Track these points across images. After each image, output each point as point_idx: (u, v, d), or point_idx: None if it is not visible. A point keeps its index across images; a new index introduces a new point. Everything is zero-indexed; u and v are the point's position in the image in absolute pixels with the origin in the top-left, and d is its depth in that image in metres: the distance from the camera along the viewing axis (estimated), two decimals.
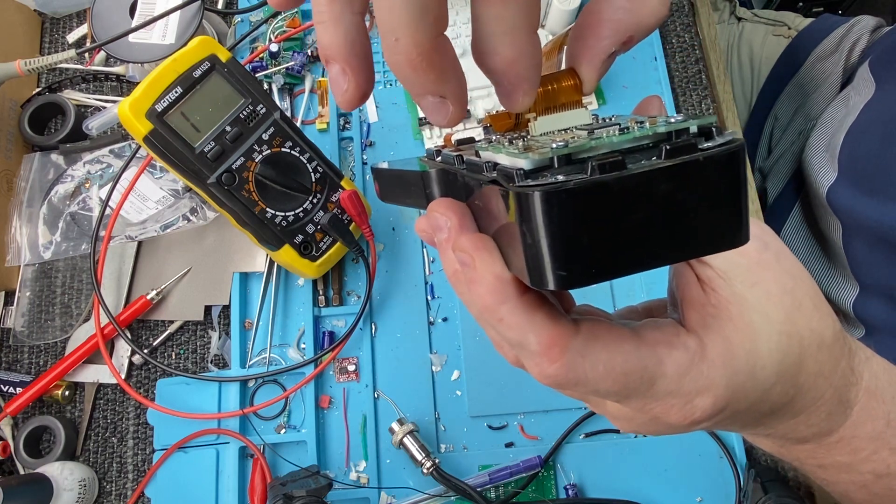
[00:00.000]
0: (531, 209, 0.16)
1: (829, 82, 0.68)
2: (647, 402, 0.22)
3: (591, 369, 0.20)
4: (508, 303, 0.20)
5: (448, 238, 0.22)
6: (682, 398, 0.21)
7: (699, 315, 0.22)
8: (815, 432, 0.26)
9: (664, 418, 0.22)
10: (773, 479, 0.45)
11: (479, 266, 0.20)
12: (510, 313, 0.20)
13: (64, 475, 0.48)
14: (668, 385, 0.21)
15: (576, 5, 0.52)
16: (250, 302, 0.53)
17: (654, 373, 0.21)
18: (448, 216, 0.22)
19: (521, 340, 0.20)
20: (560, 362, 0.20)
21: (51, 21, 0.64)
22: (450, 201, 0.22)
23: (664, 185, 0.16)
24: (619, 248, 0.17)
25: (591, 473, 0.48)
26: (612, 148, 0.17)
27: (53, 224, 0.55)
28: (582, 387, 0.21)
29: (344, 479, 0.48)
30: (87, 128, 0.56)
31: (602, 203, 0.16)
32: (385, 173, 0.29)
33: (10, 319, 0.54)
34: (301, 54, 0.56)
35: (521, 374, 0.52)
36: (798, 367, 0.23)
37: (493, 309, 0.20)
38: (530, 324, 0.20)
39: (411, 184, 0.26)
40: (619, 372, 0.20)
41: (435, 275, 0.53)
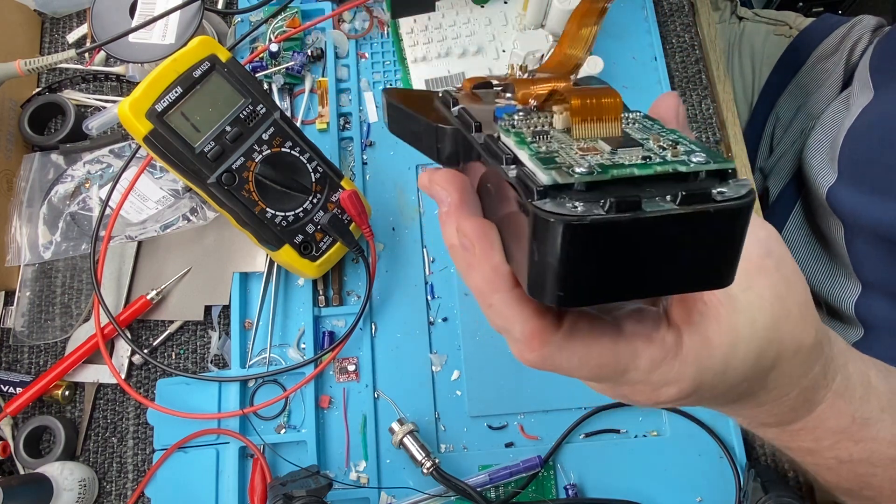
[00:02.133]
0: (546, 233, 0.17)
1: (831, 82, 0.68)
2: (617, 387, 0.24)
3: (567, 361, 0.22)
4: (500, 293, 0.21)
5: (448, 213, 0.23)
6: (649, 386, 0.23)
7: (685, 312, 0.23)
8: (777, 420, 0.28)
9: (631, 397, 0.24)
10: (773, 479, 0.45)
11: (479, 253, 0.21)
12: (500, 302, 0.21)
13: (64, 475, 0.48)
14: (638, 375, 0.22)
15: (575, 5, 0.52)
16: (250, 302, 0.53)
17: (626, 365, 0.22)
18: (449, 191, 0.23)
19: (508, 327, 0.22)
20: (538, 352, 0.22)
21: (51, 21, 0.64)
22: (452, 175, 0.23)
23: (674, 229, 0.17)
24: (618, 279, 0.18)
25: (591, 473, 0.48)
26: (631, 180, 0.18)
27: (53, 224, 0.55)
28: (557, 371, 0.23)
29: (344, 479, 0.48)
30: (87, 128, 0.56)
31: (613, 239, 0.17)
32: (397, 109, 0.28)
33: (10, 319, 0.54)
34: (301, 54, 0.56)
35: (522, 374, 0.52)
36: (769, 370, 0.24)
37: (486, 295, 0.22)
38: (518, 315, 0.21)
39: (422, 132, 0.26)
40: (593, 364, 0.22)
41: (435, 275, 0.53)
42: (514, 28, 0.58)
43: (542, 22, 0.57)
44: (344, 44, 0.58)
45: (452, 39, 0.57)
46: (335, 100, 0.57)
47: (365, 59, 0.59)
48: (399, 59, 0.58)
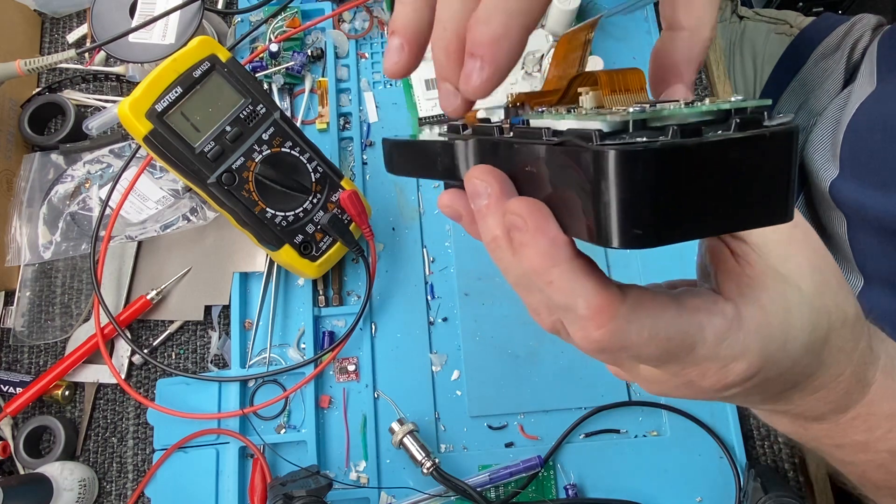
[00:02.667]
0: (615, 168, 0.17)
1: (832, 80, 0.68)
2: (685, 367, 0.22)
3: (637, 335, 0.21)
4: (561, 265, 0.20)
5: (489, 204, 0.22)
6: (718, 363, 0.22)
7: (735, 285, 0.23)
8: (832, 409, 0.27)
9: (698, 382, 0.23)
10: (773, 479, 0.45)
11: (532, 228, 0.20)
12: (561, 276, 0.20)
13: (64, 475, 0.48)
14: (706, 350, 0.22)
15: (576, 5, 0.52)
16: (250, 302, 0.53)
17: (694, 338, 0.21)
18: (489, 182, 0.22)
19: (570, 304, 0.21)
20: (607, 328, 0.20)
21: (51, 21, 0.64)
22: (490, 168, 0.22)
23: (735, 154, 0.17)
24: (688, 213, 0.18)
25: (591, 473, 0.48)
26: (682, 118, 0.18)
27: (53, 224, 0.55)
28: (624, 352, 0.21)
29: (344, 479, 0.48)
30: (87, 128, 0.56)
31: (681, 167, 0.17)
32: (400, 144, 0.28)
33: (10, 319, 0.54)
34: (301, 54, 0.56)
35: (522, 374, 0.51)
36: (823, 341, 0.23)
37: (544, 271, 0.21)
38: (581, 287, 0.20)
39: (435, 155, 0.26)
40: (662, 338, 0.21)
41: (435, 275, 0.53)
42: None
43: (542, 22, 0.57)
44: (344, 44, 0.58)
45: None
46: (335, 100, 0.57)
47: (365, 59, 0.59)
48: None
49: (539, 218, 0.20)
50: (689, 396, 0.24)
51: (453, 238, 0.53)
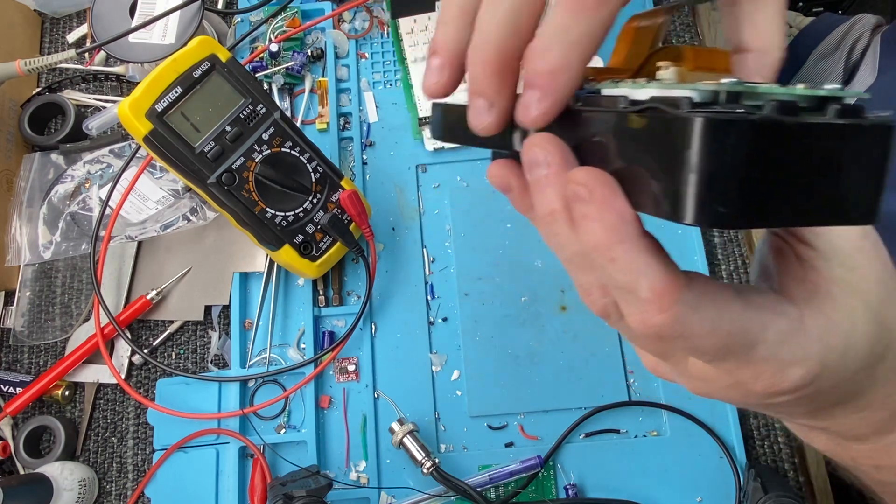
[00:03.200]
0: (707, 136, 0.16)
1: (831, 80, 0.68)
2: (740, 366, 0.21)
3: (699, 324, 0.20)
4: (627, 242, 0.19)
5: (549, 175, 0.21)
6: (775, 365, 0.21)
7: (801, 289, 0.22)
8: (875, 430, 0.26)
9: (750, 384, 0.22)
10: (773, 479, 0.45)
11: (599, 200, 0.19)
12: (626, 253, 0.19)
13: (64, 475, 0.48)
14: (766, 351, 0.21)
15: None
16: (250, 302, 0.53)
17: (756, 336, 0.20)
18: (550, 151, 0.21)
19: (632, 284, 0.19)
20: (670, 313, 0.19)
21: (51, 21, 0.64)
22: (552, 136, 0.21)
23: (832, 142, 0.16)
24: (775, 197, 0.17)
25: (591, 473, 0.48)
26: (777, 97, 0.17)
27: (53, 224, 0.55)
28: (682, 341, 0.20)
29: (344, 479, 0.48)
30: (87, 128, 0.56)
31: (776, 145, 0.16)
32: (453, 109, 0.28)
33: (10, 319, 0.54)
34: (301, 54, 0.56)
35: (522, 374, 0.51)
36: (881, 358, 0.23)
37: (607, 247, 0.19)
38: (646, 267, 0.19)
39: None
40: (724, 331, 0.20)
41: (435, 275, 0.53)
42: None
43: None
44: (344, 44, 0.58)
45: None
46: (335, 100, 0.57)
47: (365, 59, 0.59)
48: (399, 59, 0.58)
49: (607, 190, 0.19)
50: (736, 399, 0.23)
51: (453, 238, 0.53)
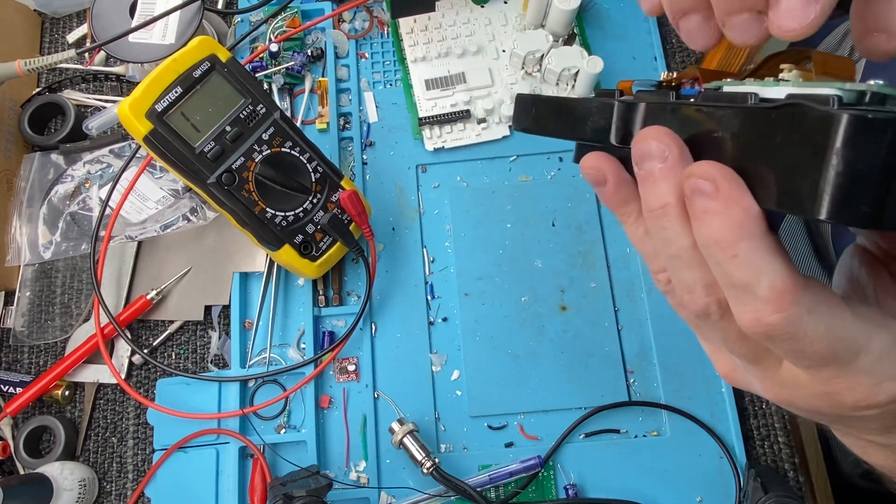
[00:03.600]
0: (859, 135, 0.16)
1: None
2: (838, 375, 0.21)
3: (813, 328, 0.19)
4: (751, 240, 0.19)
5: (665, 168, 0.21)
6: (873, 378, 0.21)
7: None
8: None
9: (842, 395, 0.22)
10: (773, 479, 0.45)
11: (725, 195, 0.19)
12: (750, 251, 0.19)
13: (64, 475, 0.48)
14: (868, 362, 0.21)
15: (576, 5, 0.52)
16: (250, 302, 0.53)
17: (861, 347, 0.20)
18: (668, 144, 0.21)
19: (751, 282, 0.19)
20: (786, 313, 0.19)
21: (51, 21, 0.64)
22: (669, 130, 0.21)
23: None
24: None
25: (591, 473, 0.48)
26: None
27: (53, 224, 0.55)
28: (790, 343, 0.20)
29: (344, 479, 0.48)
30: (87, 128, 0.56)
31: None
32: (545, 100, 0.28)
33: (10, 319, 0.54)
34: (301, 54, 0.56)
35: (522, 374, 0.51)
36: None
37: (730, 244, 0.19)
38: (768, 266, 0.19)
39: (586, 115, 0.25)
40: (834, 337, 0.20)
41: (435, 275, 0.53)
42: (514, 28, 0.58)
43: (542, 22, 0.57)
44: (344, 44, 0.58)
45: (452, 39, 0.57)
46: (335, 100, 0.57)
47: (365, 59, 0.59)
48: (399, 59, 0.58)
49: (733, 185, 0.19)
50: (820, 408, 0.23)
51: (453, 238, 0.53)
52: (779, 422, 0.49)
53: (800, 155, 0.17)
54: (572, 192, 0.54)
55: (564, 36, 0.57)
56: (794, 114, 0.18)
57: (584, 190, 0.54)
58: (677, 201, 0.21)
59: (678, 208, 0.21)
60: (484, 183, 0.55)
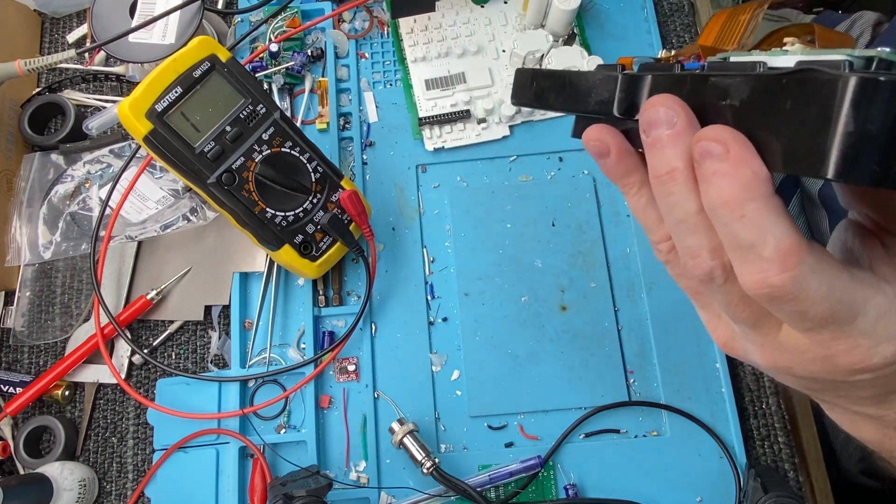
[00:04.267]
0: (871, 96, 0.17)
1: None
2: (836, 337, 0.22)
3: (816, 289, 0.20)
4: (759, 201, 0.20)
5: (673, 134, 0.21)
6: (870, 340, 0.21)
7: (892, 271, 0.22)
8: None
9: (840, 357, 0.22)
10: (773, 479, 0.45)
11: (735, 157, 0.20)
12: (757, 211, 0.20)
13: (64, 475, 0.48)
14: (865, 324, 0.21)
15: (576, 5, 0.52)
16: (250, 302, 0.53)
17: (859, 309, 0.21)
18: (677, 111, 0.21)
19: (757, 242, 0.20)
20: (790, 273, 0.20)
21: (51, 21, 0.64)
22: (676, 97, 0.22)
23: None
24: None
25: (591, 473, 0.48)
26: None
27: (53, 224, 0.55)
28: (793, 304, 0.20)
29: (344, 479, 0.48)
30: (87, 128, 0.56)
31: None
32: (547, 74, 0.28)
33: (10, 319, 0.54)
34: (301, 54, 0.56)
35: (522, 374, 0.51)
36: None
37: (738, 205, 0.20)
38: (775, 227, 0.20)
39: (589, 88, 0.26)
40: (835, 298, 0.20)
41: (435, 275, 0.53)
42: (514, 28, 0.58)
43: (542, 22, 0.57)
44: (344, 44, 0.58)
45: (452, 39, 0.57)
46: (335, 100, 0.57)
47: (365, 59, 0.59)
48: (399, 59, 0.58)
49: (743, 147, 0.20)
50: (816, 373, 0.23)
51: (453, 238, 0.53)
52: (779, 422, 0.49)
53: (810, 118, 0.18)
54: (572, 192, 0.54)
55: (564, 36, 0.57)
56: (805, 78, 0.18)
57: (584, 190, 0.54)
58: (685, 166, 0.21)
59: (685, 173, 0.21)
60: (484, 183, 0.55)
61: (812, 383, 0.25)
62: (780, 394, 0.49)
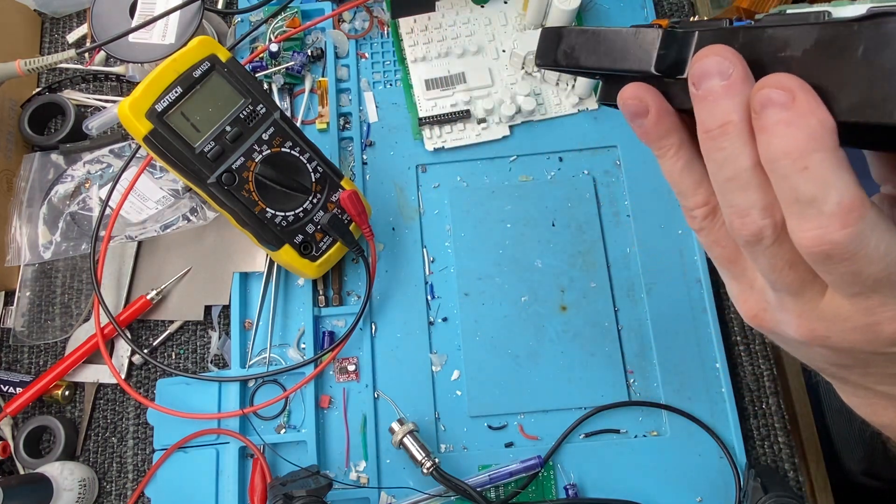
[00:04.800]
0: None
1: None
2: (885, 304, 0.21)
3: (875, 247, 0.19)
4: (824, 152, 0.19)
5: (729, 85, 0.21)
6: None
7: None
8: None
9: (882, 326, 0.21)
10: (773, 479, 0.45)
11: (803, 106, 0.19)
12: (822, 162, 0.19)
13: (64, 475, 0.48)
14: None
15: (576, 5, 0.52)
16: (250, 302, 0.53)
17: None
18: (733, 61, 0.21)
19: (820, 196, 0.19)
20: (852, 229, 0.19)
21: (51, 21, 0.64)
22: (731, 48, 0.21)
23: None
24: None
25: (591, 473, 0.48)
26: None
27: (53, 224, 0.55)
28: (849, 264, 0.20)
29: (344, 479, 0.48)
30: (87, 128, 0.56)
31: None
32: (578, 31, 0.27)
33: (10, 319, 0.54)
34: (301, 54, 0.56)
35: (522, 374, 0.51)
36: None
37: (802, 155, 0.19)
38: (839, 180, 0.19)
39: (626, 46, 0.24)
40: (892, 259, 0.20)
41: (435, 275, 0.53)
42: (514, 28, 0.58)
43: (542, 22, 0.57)
44: (344, 44, 0.58)
45: (452, 39, 0.57)
46: (335, 100, 0.57)
47: (365, 59, 0.59)
48: (399, 59, 0.58)
49: (810, 95, 0.19)
50: (856, 343, 0.23)
51: (453, 238, 0.53)
52: (779, 422, 0.49)
53: (884, 63, 0.18)
54: (572, 192, 0.54)
55: None
56: (879, 23, 0.18)
57: (584, 190, 0.54)
58: (740, 119, 0.21)
59: (740, 125, 0.21)
60: (484, 183, 0.55)
61: (844, 357, 0.24)
62: (780, 394, 0.49)
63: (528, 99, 0.55)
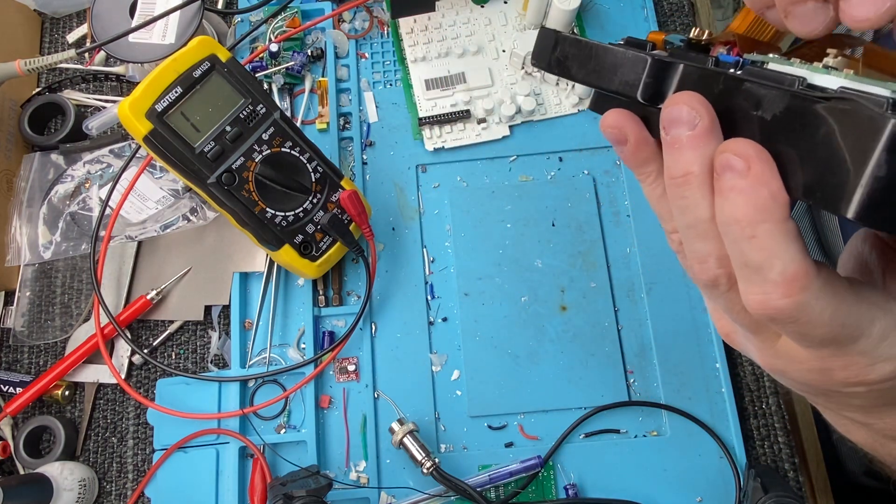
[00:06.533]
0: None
1: None
2: (836, 355, 0.21)
3: (819, 314, 0.20)
4: (771, 223, 0.19)
5: (693, 136, 0.21)
6: (869, 359, 0.21)
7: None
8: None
9: (836, 372, 0.22)
10: (773, 479, 0.45)
11: (755, 175, 0.19)
12: (768, 234, 0.19)
13: (64, 475, 0.48)
14: (867, 345, 0.21)
15: (576, 5, 0.52)
16: (250, 302, 0.53)
17: (862, 331, 0.21)
18: (700, 113, 0.21)
19: (765, 264, 0.20)
20: (794, 298, 0.19)
21: (51, 21, 0.64)
22: (702, 98, 0.21)
23: None
24: None
25: (591, 473, 0.48)
26: None
27: (53, 224, 0.55)
28: (794, 325, 0.20)
29: (344, 479, 0.48)
30: (87, 128, 0.56)
31: None
32: (573, 41, 0.27)
33: (10, 319, 0.54)
34: (301, 54, 0.56)
35: (522, 374, 0.51)
36: None
37: (750, 224, 0.19)
38: (784, 251, 0.19)
39: (616, 65, 0.24)
40: (838, 323, 0.20)
41: (435, 275, 0.53)
42: (514, 28, 0.58)
43: (542, 22, 0.57)
44: (344, 44, 0.58)
45: (452, 39, 0.57)
46: (335, 100, 0.57)
47: (365, 59, 0.59)
48: (399, 59, 0.58)
49: (766, 167, 0.19)
50: (811, 381, 0.23)
51: (453, 238, 0.53)
52: (779, 422, 0.49)
53: (840, 151, 0.17)
54: (572, 192, 0.54)
55: None
56: (844, 109, 0.17)
57: (584, 190, 0.54)
58: (700, 171, 0.21)
59: (701, 178, 0.21)
60: (484, 183, 0.55)
61: (806, 387, 0.25)
62: (780, 394, 0.49)
63: (527, 99, 0.55)
